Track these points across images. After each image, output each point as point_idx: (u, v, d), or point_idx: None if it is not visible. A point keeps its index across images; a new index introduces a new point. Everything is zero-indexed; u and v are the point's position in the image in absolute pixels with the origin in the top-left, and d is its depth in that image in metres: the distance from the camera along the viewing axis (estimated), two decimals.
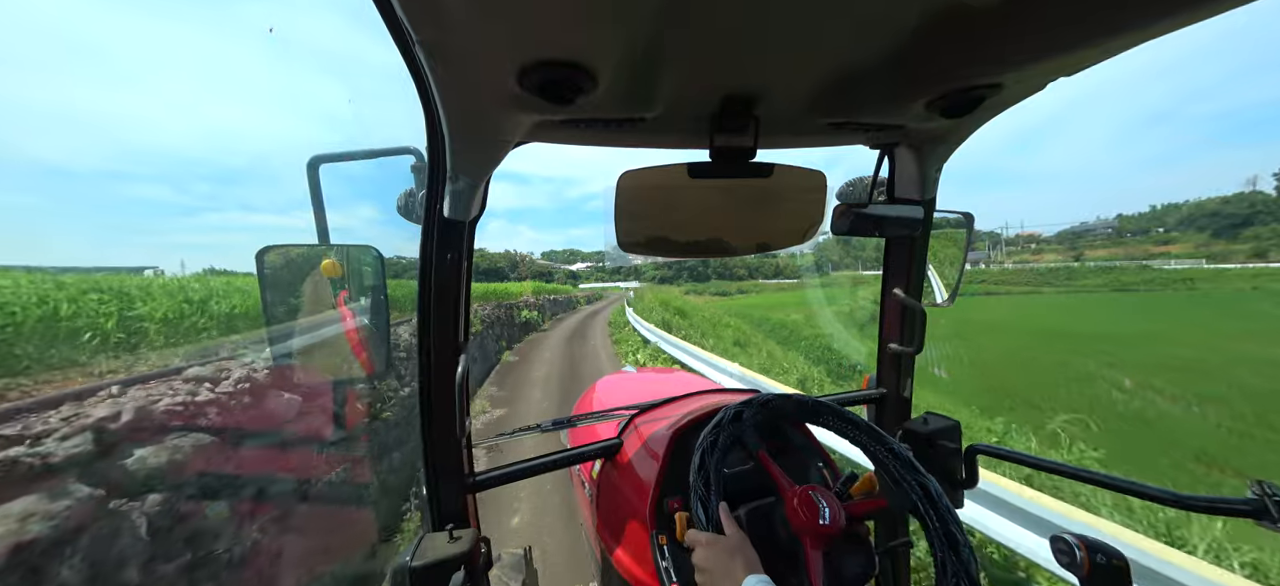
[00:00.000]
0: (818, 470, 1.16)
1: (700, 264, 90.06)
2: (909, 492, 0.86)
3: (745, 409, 0.97)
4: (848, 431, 0.98)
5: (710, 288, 65.10)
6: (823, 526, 0.79)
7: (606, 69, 0.60)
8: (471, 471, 1.08)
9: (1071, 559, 0.79)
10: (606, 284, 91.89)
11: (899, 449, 0.92)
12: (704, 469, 0.86)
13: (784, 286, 78.97)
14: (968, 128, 0.94)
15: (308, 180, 0.93)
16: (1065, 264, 72.93)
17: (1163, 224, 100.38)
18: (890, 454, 0.92)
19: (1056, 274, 61.23)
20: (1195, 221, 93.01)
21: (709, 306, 25.90)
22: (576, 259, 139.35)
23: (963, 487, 1.19)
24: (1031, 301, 43.78)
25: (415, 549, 0.92)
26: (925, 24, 0.56)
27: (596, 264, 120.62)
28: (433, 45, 0.53)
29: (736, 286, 73.67)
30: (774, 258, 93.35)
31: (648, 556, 0.96)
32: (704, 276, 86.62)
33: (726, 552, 0.72)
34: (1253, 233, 79.44)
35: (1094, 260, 76.59)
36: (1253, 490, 0.73)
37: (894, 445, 0.92)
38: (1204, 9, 0.51)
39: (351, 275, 1.01)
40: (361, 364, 1.04)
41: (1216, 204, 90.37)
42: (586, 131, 0.86)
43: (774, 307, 30.00)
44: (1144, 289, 49.41)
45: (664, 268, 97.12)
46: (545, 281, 37.67)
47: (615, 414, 1.54)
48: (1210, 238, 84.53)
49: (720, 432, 0.92)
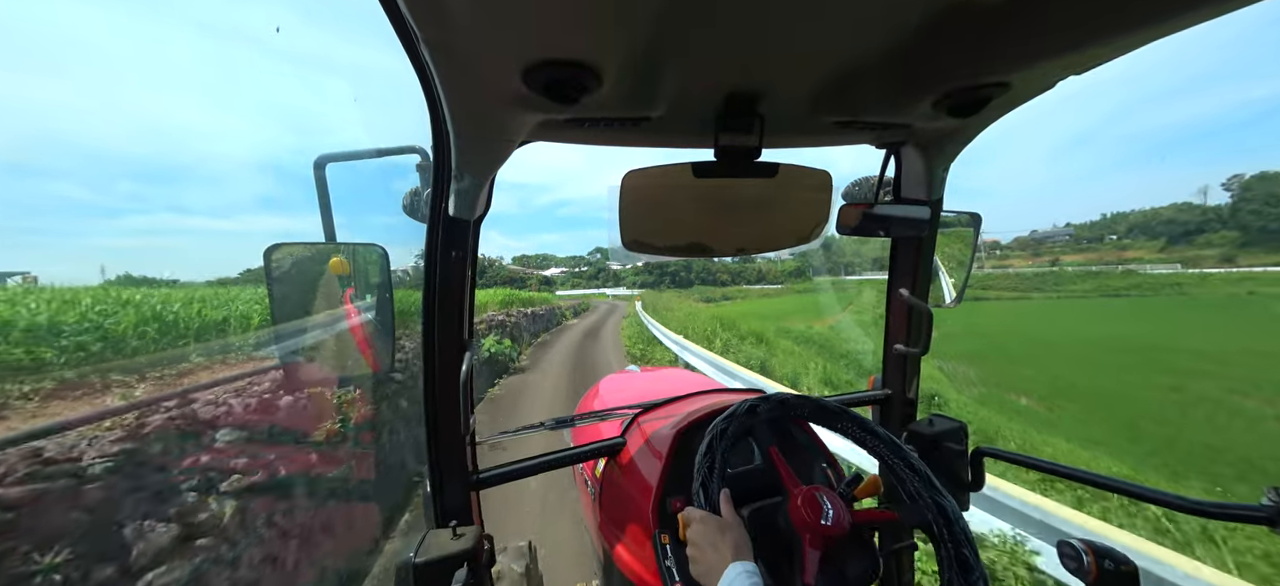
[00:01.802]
0: (822, 471, 1.14)
1: (682, 268, 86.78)
2: (924, 511, 0.84)
3: (762, 404, 0.96)
4: (866, 440, 0.96)
5: (694, 293, 61.60)
6: (825, 527, 0.78)
7: (611, 68, 0.60)
8: (475, 469, 1.08)
9: (1079, 564, 0.79)
10: (586, 291, 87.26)
11: (918, 464, 0.89)
12: (711, 453, 0.86)
13: (768, 292, 76.52)
14: (975, 127, 0.93)
15: (314, 180, 0.92)
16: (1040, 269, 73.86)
17: (1114, 230, 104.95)
18: (908, 468, 0.89)
19: (1043, 279, 61.44)
20: (1146, 228, 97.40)
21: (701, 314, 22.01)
22: (550, 264, 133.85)
23: (969, 490, 1.19)
24: (1032, 307, 42.17)
25: (419, 545, 0.92)
26: (931, 22, 0.55)
27: (572, 269, 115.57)
28: (438, 44, 0.53)
29: (721, 292, 70.41)
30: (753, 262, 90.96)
31: (650, 555, 0.94)
32: (686, 282, 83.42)
33: (718, 531, 0.72)
34: (1205, 239, 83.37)
35: (1071, 265, 78.12)
36: (1268, 497, 0.73)
37: (913, 459, 0.90)
38: (1211, 7, 0.51)
39: (357, 273, 1.01)
40: (367, 361, 1.03)
41: (1171, 211, 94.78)
42: (591, 131, 0.86)
43: (766, 317, 25.13)
44: (1135, 293, 49.05)
45: (644, 272, 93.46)
46: (516, 288, 30.22)
47: (618, 412, 1.52)
48: (1167, 243, 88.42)
49: (732, 422, 0.91)
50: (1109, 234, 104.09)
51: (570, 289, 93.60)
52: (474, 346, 1.01)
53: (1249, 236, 77.72)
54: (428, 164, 0.86)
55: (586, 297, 55.04)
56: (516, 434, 1.41)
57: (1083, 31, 0.57)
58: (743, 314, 23.08)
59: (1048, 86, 0.73)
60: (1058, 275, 63.96)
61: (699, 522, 0.75)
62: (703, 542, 0.72)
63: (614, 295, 66.40)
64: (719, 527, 0.73)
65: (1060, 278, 61.49)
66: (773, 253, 1.06)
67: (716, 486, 0.82)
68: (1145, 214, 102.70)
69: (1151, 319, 29.51)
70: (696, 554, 0.72)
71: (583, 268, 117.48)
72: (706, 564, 0.70)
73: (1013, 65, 0.66)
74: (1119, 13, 0.53)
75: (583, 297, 51.23)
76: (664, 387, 1.93)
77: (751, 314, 26.09)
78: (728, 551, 0.68)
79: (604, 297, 62.19)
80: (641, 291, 61.83)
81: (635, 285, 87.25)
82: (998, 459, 1.15)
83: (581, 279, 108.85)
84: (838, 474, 1.13)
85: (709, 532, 0.72)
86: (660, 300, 29.32)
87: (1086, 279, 59.69)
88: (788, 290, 76.78)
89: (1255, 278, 50.56)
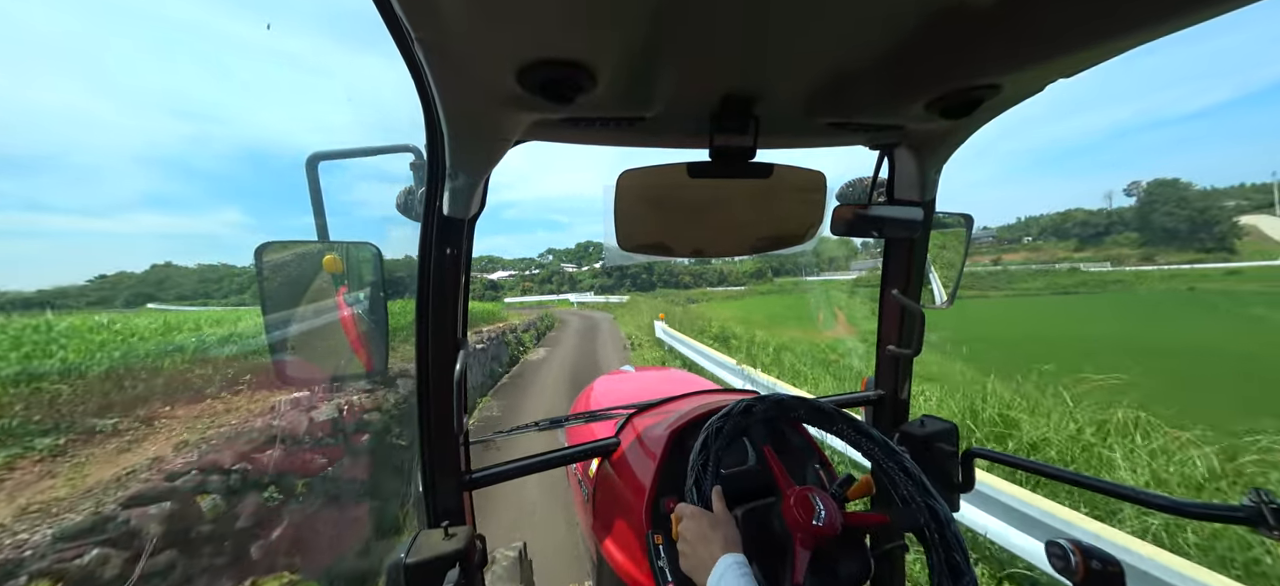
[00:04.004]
0: (814, 471, 1.13)
1: (644, 270, 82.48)
2: (916, 514, 0.84)
3: (758, 403, 0.96)
4: (861, 443, 0.96)
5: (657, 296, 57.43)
6: (816, 527, 0.77)
7: (606, 68, 0.59)
8: (468, 469, 1.07)
9: (1066, 564, 0.80)
10: (541, 297, 79.45)
11: (912, 467, 0.89)
12: (706, 450, 0.86)
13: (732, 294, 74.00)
14: (967, 129, 0.93)
15: (307, 178, 0.90)
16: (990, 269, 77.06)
17: (1028, 232, 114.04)
18: (902, 471, 0.89)
19: (997, 277, 63.38)
20: (1058, 230, 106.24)
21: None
22: (497, 267, 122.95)
23: (959, 491, 1.20)
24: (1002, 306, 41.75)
25: (410, 546, 0.91)
26: (924, 25, 0.55)
27: (521, 271, 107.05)
28: (432, 44, 0.52)
29: (685, 294, 66.52)
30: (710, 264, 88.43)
31: (643, 556, 0.95)
32: (649, 284, 79.05)
33: (709, 526, 0.73)
34: (1112, 240, 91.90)
35: (1013, 264, 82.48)
36: (1249, 498, 0.74)
37: (907, 463, 0.90)
38: (1202, 10, 0.51)
39: (350, 272, 0.98)
40: (361, 361, 1.01)
41: (1084, 215, 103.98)
42: (586, 130, 0.85)
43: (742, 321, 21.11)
44: (1084, 291, 50.79)
45: (603, 275, 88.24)
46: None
47: (612, 413, 1.49)
48: (1079, 244, 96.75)
49: (728, 421, 0.91)
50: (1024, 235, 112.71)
51: (521, 296, 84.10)
52: (468, 345, 0.99)
53: (1148, 236, 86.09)
54: (421, 163, 0.86)
55: (545, 306, 47.72)
56: (510, 434, 1.39)
57: (1073, 36, 0.58)
58: (738, 315, 19.04)
59: (1038, 89, 0.74)
60: (1009, 274, 66.53)
61: (691, 517, 0.76)
62: (694, 537, 0.73)
63: (579, 302, 55.84)
64: (711, 523, 0.74)
65: (1012, 277, 63.79)
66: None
67: (710, 483, 0.82)
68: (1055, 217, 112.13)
69: (1124, 316, 28.63)
70: (687, 548, 0.73)
71: (533, 270, 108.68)
72: (697, 557, 0.71)
73: (1004, 68, 0.66)
74: (1108, 18, 0.54)
75: (540, 307, 44.10)
76: (658, 388, 1.93)
77: (737, 317, 22.05)
78: (718, 545, 0.69)
79: (568, 305, 51.45)
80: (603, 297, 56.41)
81: (593, 288, 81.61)
82: (988, 460, 1.18)
83: (533, 282, 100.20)
84: (830, 474, 1.12)
85: (700, 527, 0.73)
86: (653, 305, 24.37)
87: (1036, 277, 62.13)
88: (751, 292, 74.84)
89: (1184, 275, 54.42)
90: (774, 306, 36.52)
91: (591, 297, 62.55)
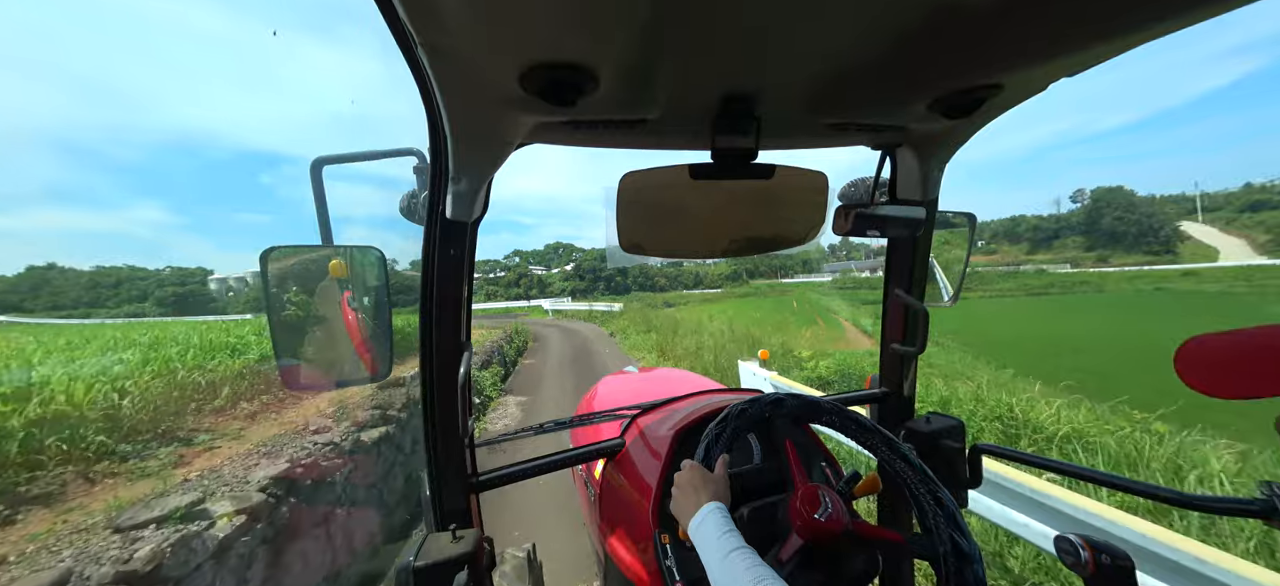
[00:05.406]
0: (820, 469, 1.14)
1: (618, 274, 78.86)
2: (937, 545, 0.82)
3: (790, 399, 0.97)
4: (895, 463, 0.93)
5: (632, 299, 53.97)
6: (817, 521, 0.79)
7: (608, 70, 0.59)
8: (474, 471, 1.08)
9: (1076, 559, 0.80)
10: (508, 303, 73.37)
11: (947, 499, 0.86)
12: (724, 423, 0.88)
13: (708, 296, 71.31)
14: (969, 128, 0.93)
15: (311, 182, 0.91)
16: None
17: (982, 236, 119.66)
18: (936, 502, 0.86)
19: (971, 279, 64.49)
20: (1010, 234, 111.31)
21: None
22: None
23: (967, 487, 1.20)
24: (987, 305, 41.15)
25: (418, 549, 0.91)
26: (925, 25, 0.56)
27: (487, 273, 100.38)
28: (435, 47, 0.53)
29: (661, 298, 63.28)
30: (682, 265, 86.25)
31: (650, 556, 0.95)
32: (623, 288, 75.53)
33: (702, 479, 0.77)
34: (1061, 243, 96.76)
35: (980, 265, 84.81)
36: (1261, 491, 0.73)
37: (943, 494, 0.87)
38: (1202, 10, 0.51)
39: (355, 276, 1.00)
40: (365, 365, 1.00)
41: (1035, 220, 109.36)
42: (588, 133, 0.86)
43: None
44: (1055, 292, 51.53)
45: (574, 279, 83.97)
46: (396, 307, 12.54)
47: (617, 414, 1.51)
48: (1032, 247, 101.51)
49: (755, 406, 0.92)
50: (979, 239, 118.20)
51: (484, 302, 77.48)
52: (471, 347, 1.00)
53: (1094, 240, 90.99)
54: (424, 166, 0.86)
55: (514, 313, 41.87)
56: (516, 437, 1.40)
57: (1074, 35, 0.58)
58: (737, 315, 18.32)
59: (1040, 88, 0.74)
60: (981, 276, 67.79)
61: (690, 469, 0.80)
62: (686, 484, 0.78)
63: (555, 309, 44.09)
64: (704, 477, 0.78)
65: (985, 278, 64.93)
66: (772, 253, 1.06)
67: (719, 451, 0.85)
68: (1005, 221, 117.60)
69: (1110, 316, 27.87)
70: (679, 495, 0.78)
71: (499, 273, 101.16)
72: (685, 502, 0.75)
73: (1006, 68, 0.67)
74: (1109, 18, 0.54)
75: (510, 314, 38.42)
76: (662, 388, 1.95)
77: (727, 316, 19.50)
78: (707, 495, 0.74)
79: (542, 314, 40.26)
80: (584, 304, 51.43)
81: (564, 292, 77.09)
82: (995, 456, 1.18)
83: (499, 286, 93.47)
84: (836, 472, 1.13)
85: (695, 478, 0.78)
86: (665, 318, 20.47)
87: (1007, 278, 63.40)
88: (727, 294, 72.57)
89: (1145, 275, 56.64)
90: (758, 309, 33.84)
91: (568, 304, 55.95)
